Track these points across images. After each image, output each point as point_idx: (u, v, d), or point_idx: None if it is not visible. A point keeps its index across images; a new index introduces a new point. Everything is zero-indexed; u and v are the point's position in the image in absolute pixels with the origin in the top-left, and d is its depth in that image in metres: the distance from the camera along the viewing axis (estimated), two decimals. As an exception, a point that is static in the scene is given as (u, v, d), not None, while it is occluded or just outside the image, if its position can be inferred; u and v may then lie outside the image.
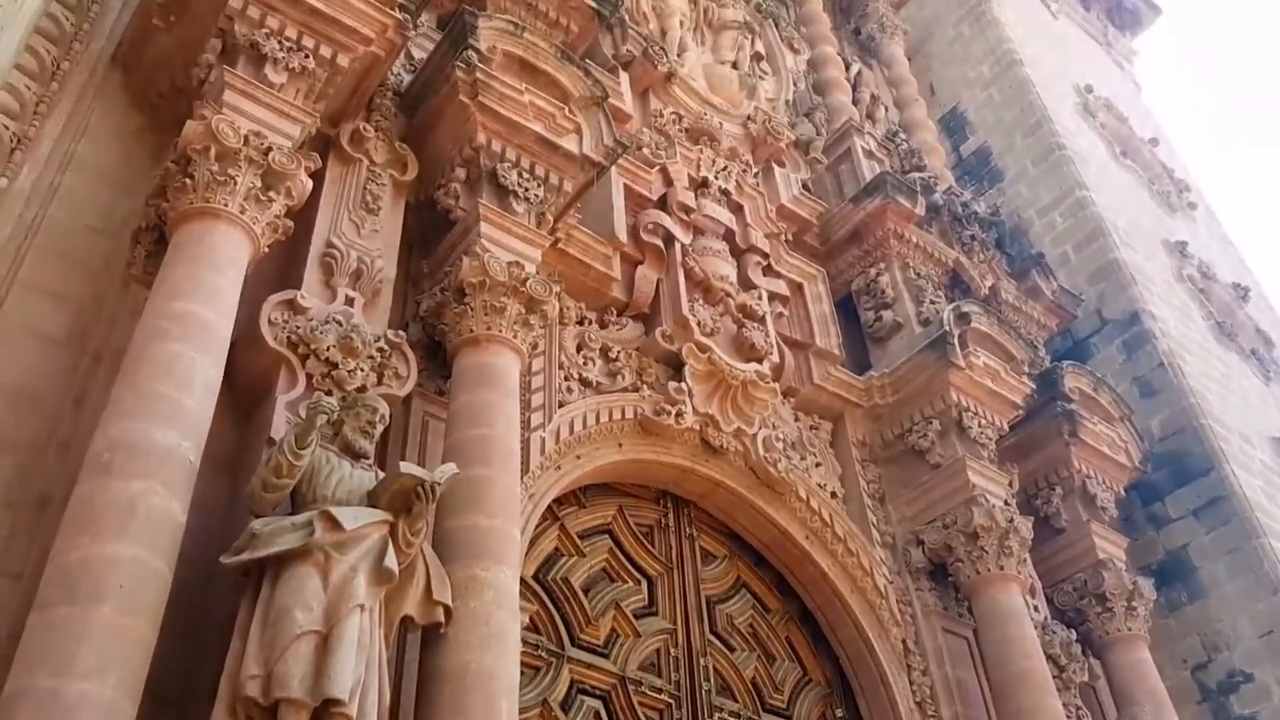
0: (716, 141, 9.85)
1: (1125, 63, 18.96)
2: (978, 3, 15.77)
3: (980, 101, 15.02)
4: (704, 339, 7.99)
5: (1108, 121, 15.74)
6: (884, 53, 14.45)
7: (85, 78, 6.12)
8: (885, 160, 11.40)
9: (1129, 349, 11.98)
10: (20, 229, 5.39)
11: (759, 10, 12.65)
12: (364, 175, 6.70)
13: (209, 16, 5.97)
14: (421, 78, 7.23)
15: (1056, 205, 13.40)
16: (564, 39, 8.60)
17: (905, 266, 9.96)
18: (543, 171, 7.10)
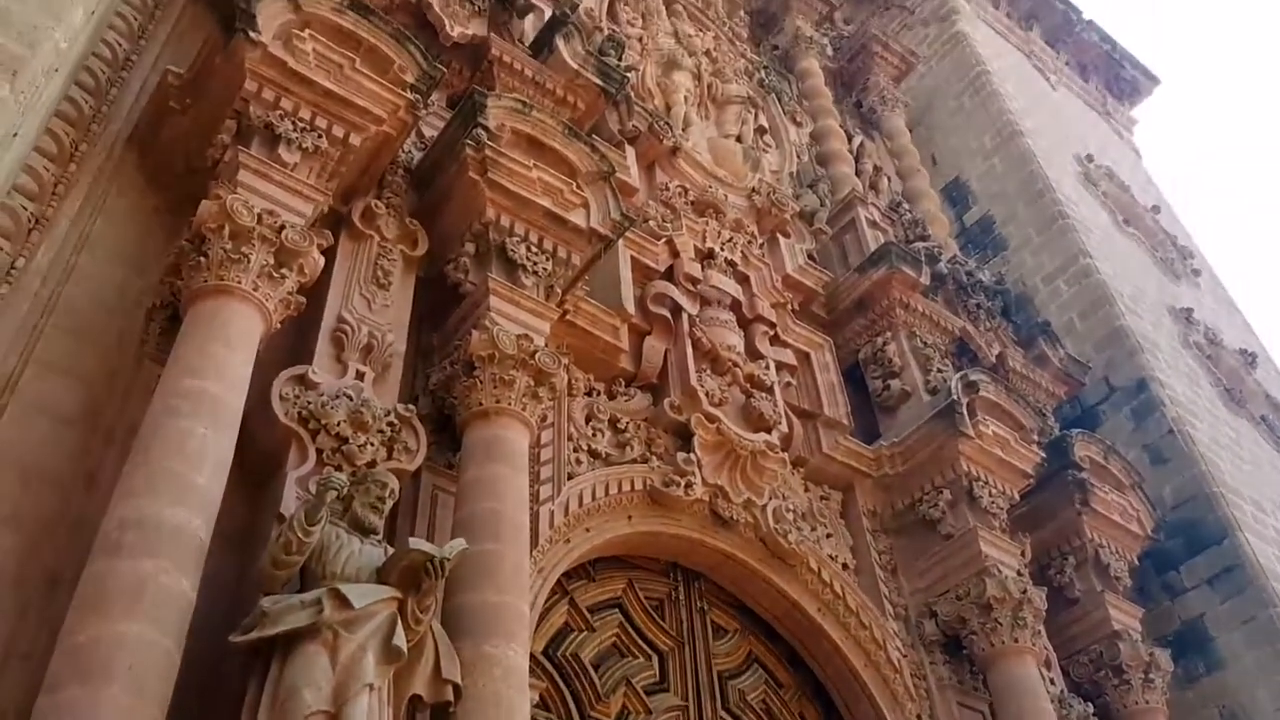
0: (722, 213, 9.97)
1: (1125, 132, 19.22)
2: (977, 75, 16.04)
3: (982, 171, 15.20)
4: (712, 409, 8.00)
5: (1109, 190, 15.91)
6: (886, 125, 14.67)
7: (103, 158, 6.23)
8: (889, 230, 11.52)
9: (1138, 416, 11.95)
10: (36, 308, 5.46)
11: (762, 85, 12.90)
12: (375, 251, 6.77)
13: (224, 99, 6.10)
14: (432, 155, 7.35)
15: (1061, 273, 13.49)
16: (571, 116, 8.75)
17: (912, 335, 10.00)
18: (551, 245, 7.17)
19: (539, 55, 9.01)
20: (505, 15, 9.06)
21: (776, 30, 14.75)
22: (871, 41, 15.08)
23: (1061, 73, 18.56)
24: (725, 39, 13.15)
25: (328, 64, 6.33)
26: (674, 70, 11.65)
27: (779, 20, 14.82)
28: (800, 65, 14.17)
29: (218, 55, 6.14)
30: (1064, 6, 19.32)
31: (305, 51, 6.22)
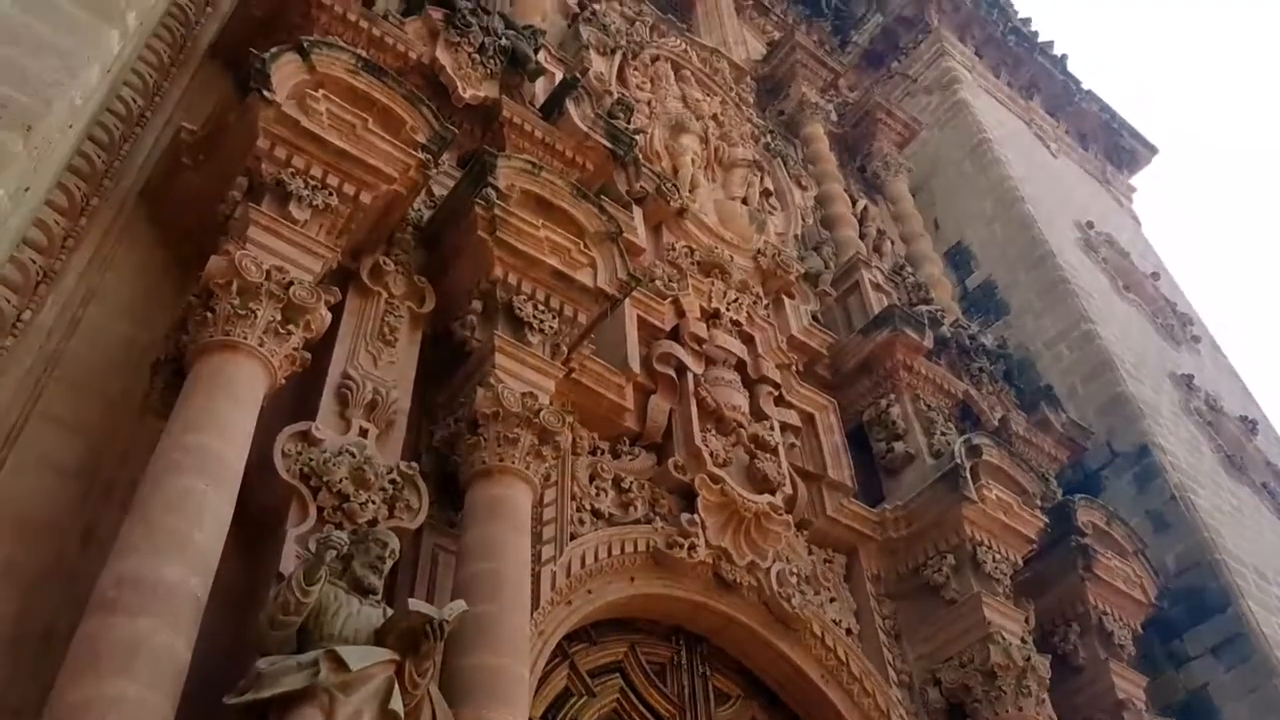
0: (727, 274, 10.02)
1: (1124, 199, 19.41)
2: (979, 143, 16.23)
3: (984, 236, 15.31)
4: (716, 470, 7.96)
5: (1109, 256, 16.02)
6: (889, 189, 14.81)
7: (114, 213, 6.27)
8: (892, 293, 11.57)
9: (1140, 482, 11.90)
10: (41, 361, 5.45)
11: (768, 149, 13.04)
12: (382, 307, 6.78)
13: (237, 156, 6.15)
14: (442, 213, 7.39)
15: (1063, 338, 13.52)
16: (580, 176, 8.82)
17: (915, 398, 10.00)
18: (557, 304, 7.19)
19: (549, 117, 9.12)
20: (517, 78, 9.17)
21: (782, 96, 14.96)
22: (875, 108, 15.29)
23: (1062, 141, 18.79)
24: (732, 104, 13.32)
25: (341, 123, 6.38)
26: (682, 133, 11.79)
27: (785, 86, 15.04)
28: (805, 130, 14.35)
29: (232, 113, 6.21)
30: (1064, 77, 19.62)
31: (319, 111, 6.29)
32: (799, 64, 15.08)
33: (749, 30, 16.99)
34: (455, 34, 8.83)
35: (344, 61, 6.69)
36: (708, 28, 15.82)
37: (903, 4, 18.70)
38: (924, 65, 18.17)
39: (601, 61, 11.63)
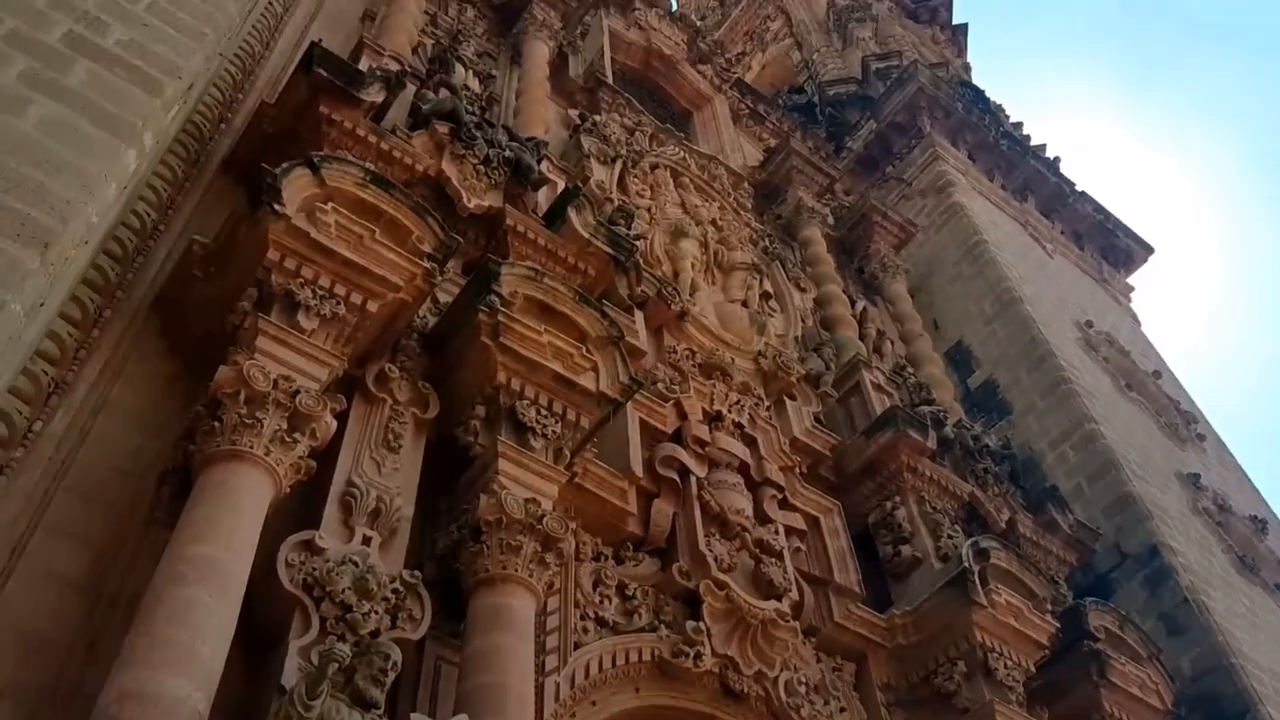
0: (729, 376, 10.07)
1: (1122, 298, 19.57)
2: (975, 244, 16.45)
3: (984, 336, 15.40)
4: (721, 575, 7.88)
5: (1110, 355, 16.07)
6: (887, 290, 14.97)
7: (125, 324, 6.36)
8: (894, 394, 11.60)
9: (1151, 584, 11.74)
10: (49, 472, 5.47)
11: (766, 253, 13.24)
12: (387, 414, 6.81)
13: (247, 268, 6.27)
14: (447, 320, 7.48)
15: (1066, 438, 13.49)
16: (582, 282, 8.94)
17: (921, 500, 9.94)
18: (560, 408, 7.22)
19: (552, 225, 9.28)
20: (520, 188, 9.37)
21: (779, 201, 15.25)
22: (871, 211, 15.57)
23: (1057, 241, 19.04)
24: (730, 209, 13.57)
25: (349, 235, 6.53)
26: (681, 238, 11.98)
27: (782, 191, 15.34)
28: (803, 233, 14.59)
29: (243, 226, 6.34)
30: (1056, 179, 19.98)
31: (328, 223, 6.43)
32: (795, 169, 15.42)
33: (745, 138, 17.41)
34: (461, 147, 9.05)
35: (353, 175, 6.87)
36: (705, 136, 16.22)
37: (895, 111, 19.15)
38: (918, 169, 18.53)
39: (602, 170, 11.90)
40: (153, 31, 6.43)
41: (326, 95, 8.03)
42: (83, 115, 5.57)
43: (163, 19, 6.58)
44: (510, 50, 13.26)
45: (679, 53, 17.15)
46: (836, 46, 24.47)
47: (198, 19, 6.85)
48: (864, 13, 25.21)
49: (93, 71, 5.86)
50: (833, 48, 24.47)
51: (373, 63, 9.48)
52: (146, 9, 6.54)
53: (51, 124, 5.38)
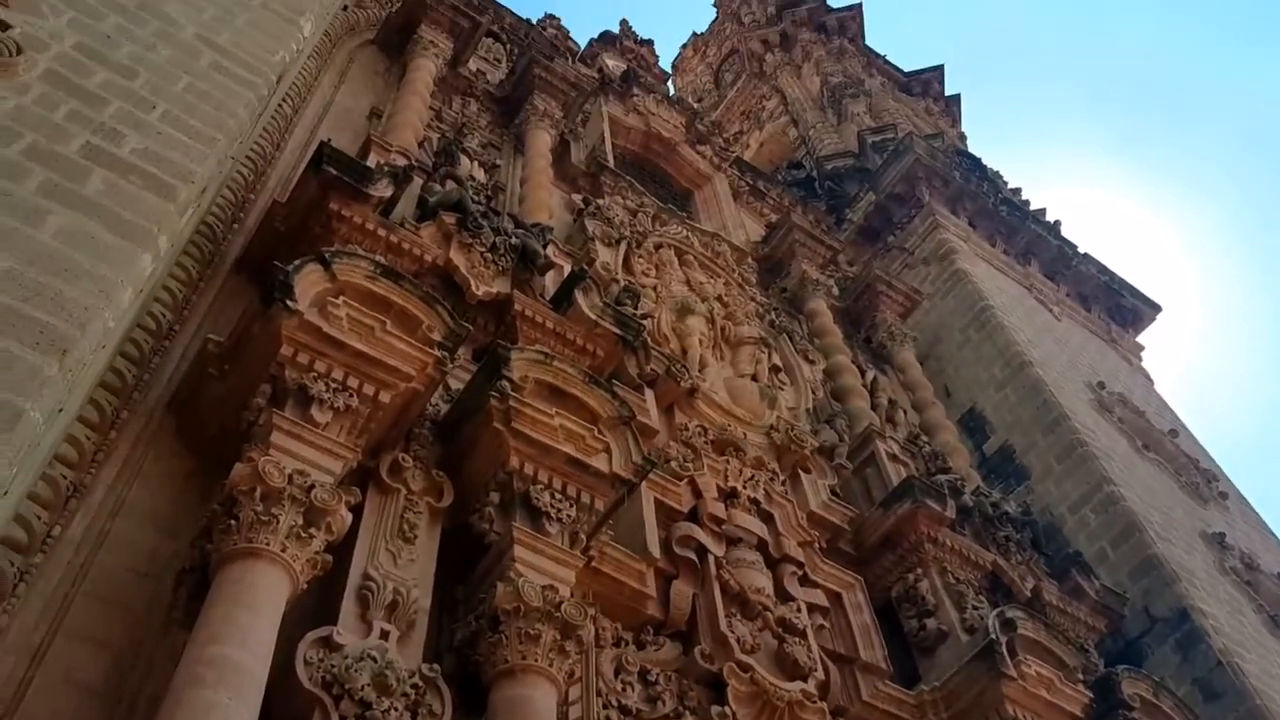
0: (742, 452, 10.04)
1: (1133, 358, 19.54)
2: (981, 309, 16.50)
3: (996, 401, 15.36)
4: (744, 657, 7.75)
5: (1125, 416, 15.99)
6: (896, 359, 15.00)
7: (142, 425, 6.41)
8: (910, 463, 11.55)
9: (1183, 648, 11.50)
10: (69, 577, 5.46)
11: (773, 326, 13.31)
12: (401, 504, 6.79)
13: (261, 364, 6.32)
14: (458, 407, 7.50)
15: (1086, 501, 13.36)
16: (591, 363, 9.00)
17: (943, 571, 9.82)
18: (574, 491, 7.20)
19: (559, 308, 9.36)
20: (527, 273, 9.48)
21: (784, 274, 15.38)
22: (876, 281, 15.68)
23: (1064, 304, 19.09)
24: (735, 284, 13.68)
25: (360, 327, 6.60)
26: (688, 315, 12.06)
27: (785, 265, 15.49)
28: (809, 305, 14.68)
29: (256, 323, 6.42)
30: (1059, 242, 20.11)
31: (339, 317, 6.51)
32: (797, 243, 15.58)
33: (747, 214, 17.62)
34: (468, 236, 9.18)
35: (363, 268, 6.98)
36: (707, 214, 16.43)
37: (894, 182, 19.41)
38: (919, 238, 18.70)
39: (607, 252, 12.03)
40: (166, 139, 6.60)
41: (336, 192, 8.18)
42: (100, 223, 5.69)
43: (176, 127, 6.76)
44: (513, 140, 13.53)
45: (678, 135, 17.47)
46: (832, 122, 24.91)
47: (210, 125, 7.02)
48: (857, 89, 25.72)
49: (109, 180, 6.00)
50: (828, 123, 24.91)
51: (380, 158, 9.69)
52: (160, 118, 6.73)
53: (70, 233, 5.49)
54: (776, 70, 28.33)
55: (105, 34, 7.17)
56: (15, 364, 4.72)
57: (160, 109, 6.82)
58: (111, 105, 6.58)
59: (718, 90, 30.83)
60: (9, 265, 5.13)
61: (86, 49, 6.91)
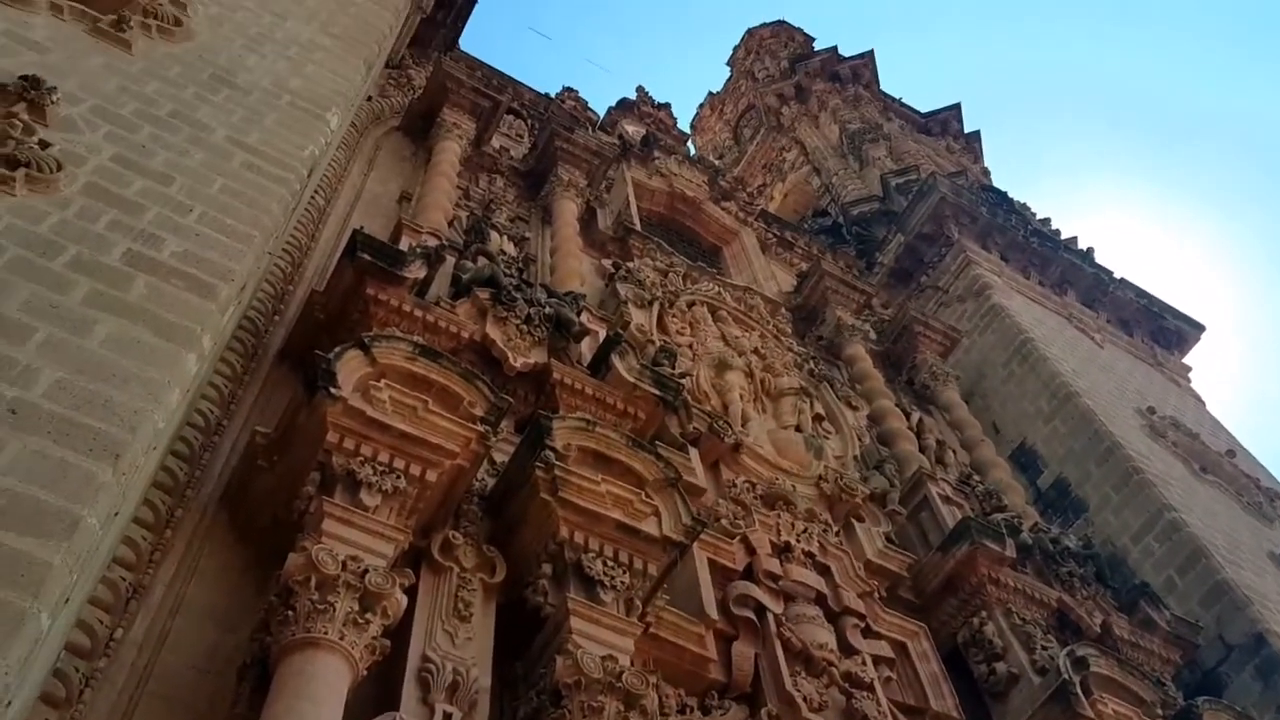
0: (792, 505, 9.95)
1: (1181, 379, 19.20)
2: (1022, 343, 16.35)
3: (1046, 434, 15.13)
4: (813, 716, 7.59)
5: (1179, 440, 15.69)
6: (941, 399, 14.85)
7: (196, 521, 6.48)
8: (964, 504, 11.38)
9: (1263, 675, 11.13)
10: (133, 678, 5.48)
11: (812, 375, 13.26)
12: (455, 582, 6.78)
13: (309, 452, 6.40)
14: (504, 480, 7.51)
15: (1148, 530, 13.06)
16: (633, 426, 8.99)
17: (1008, 613, 9.61)
18: (626, 557, 7.14)
19: (597, 374, 9.40)
20: (563, 341, 9.54)
21: (819, 322, 15.35)
22: (913, 322, 15.60)
23: (1105, 331, 18.86)
24: (771, 336, 13.68)
25: (403, 408, 6.67)
26: (726, 370, 12.07)
27: (820, 313, 15.46)
28: (847, 351, 14.63)
29: (302, 412, 6.50)
30: (1094, 269, 19.94)
31: (382, 400, 6.59)
32: (830, 290, 15.57)
33: (776, 265, 17.68)
34: (502, 310, 9.27)
35: (402, 350, 7.08)
36: (737, 269, 16.50)
37: (921, 222, 19.39)
38: (952, 276, 18.62)
39: (641, 314, 12.10)
40: (205, 240, 6.77)
41: (372, 277, 8.32)
42: (145, 328, 5.81)
43: (213, 227, 6.93)
44: (541, 211, 13.72)
45: (701, 193, 17.63)
46: (854, 168, 25.02)
47: (246, 223, 7.19)
48: (876, 133, 25.85)
49: (152, 285, 6.15)
50: (850, 169, 25.02)
51: (412, 241, 9.86)
52: (198, 220, 6.90)
53: (117, 340, 5.62)
54: (794, 122, 28.58)
55: (140, 144, 7.40)
56: (70, 472, 4.80)
57: (197, 211, 7.00)
58: (150, 211, 6.76)
59: (737, 146, 31.14)
60: (60, 375, 5.24)
61: (123, 159, 7.13)
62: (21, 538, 4.42)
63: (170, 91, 8.24)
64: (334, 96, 9.81)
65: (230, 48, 9.48)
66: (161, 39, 8.94)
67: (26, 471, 4.69)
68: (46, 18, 8.34)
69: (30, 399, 5.03)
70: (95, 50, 8.28)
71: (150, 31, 8.89)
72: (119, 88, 7.94)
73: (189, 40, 9.18)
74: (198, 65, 8.86)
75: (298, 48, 10.24)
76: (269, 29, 10.29)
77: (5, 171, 6.31)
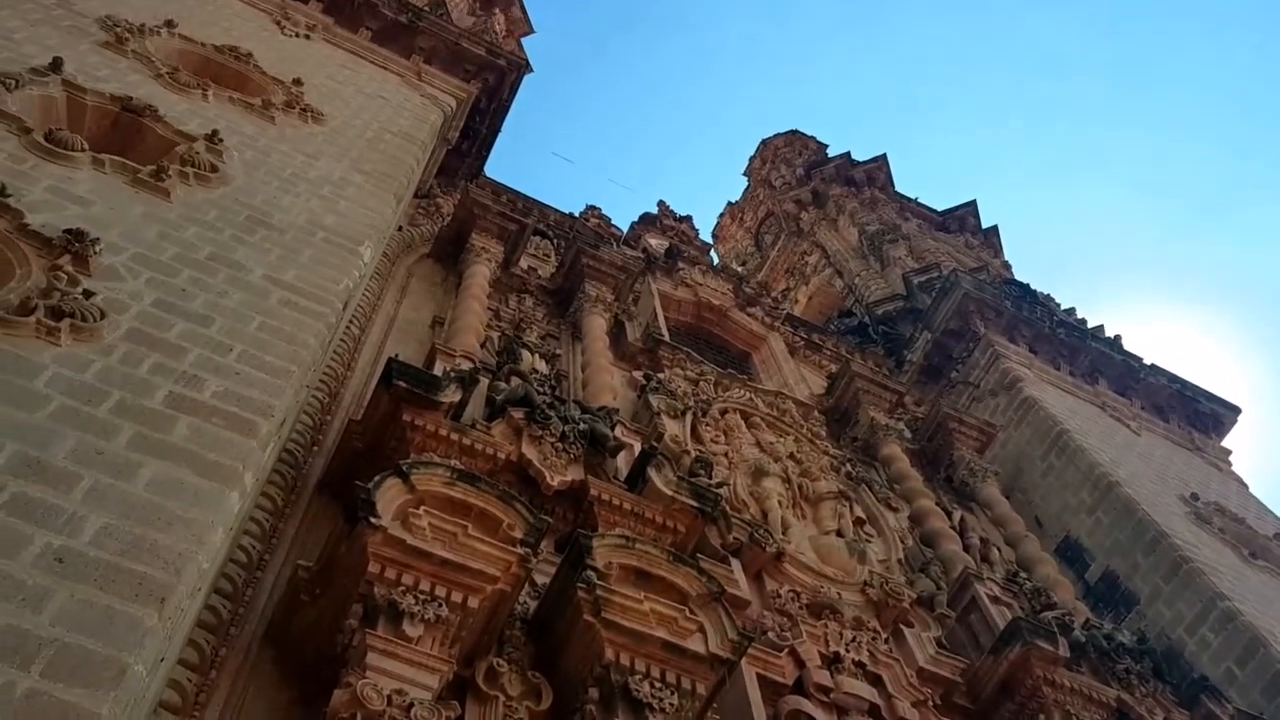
0: (839, 613, 9.79)
1: (1222, 463, 18.91)
2: (1058, 434, 16.21)
3: (1090, 526, 14.87)
4: (873, 833, 7.35)
5: (1225, 525, 15.37)
6: (981, 495, 14.67)
7: (240, 660, 6.44)
8: (1013, 603, 11.14)
9: (1333, 767, 10.67)
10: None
11: (850, 478, 13.16)
12: (501, 711, 6.70)
13: (350, 584, 6.39)
14: (546, 603, 7.47)
15: (1202, 621, 12.71)
16: (673, 540, 8.94)
17: (1067, 715, 9.33)
18: (674, 677, 7.02)
19: (634, 488, 9.39)
20: (599, 457, 9.56)
21: (852, 423, 15.31)
22: (947, 419, 15.52)
23: (1140, 418, 18.68)
24: (806, 440, 13.63)
25: (443, 534, 6.68)
26: (763, 477, 12.01)
27: (852, 414, 15.43)
28: (883, 452, 14.53)
29: (343, 544, 6.52)
30: (1123, 357, 19.85)
31: (422, 527, 6.61)
32: (861, 391, 15.56)
33: (806, 368, 17.73)
34: (537, 428, 9.33)
35: (440, 476, 7.13)
36: (767, 374, 16.56)
37: (947, 319, 19.47)
38: (982, 370, 18.59)
39: (674, 424, 12.12)
40: (245, 378, 6.92)
41: (408, 404, 8.43)
42: (188, 469, 5.91)
43: (252, 365, 7.08)
44: (570, 328, 13.91)
45: (727, 301, 17.83)
46: (876, 268, 25.27)
47: (284, 359, 7.35)
48: (894, 234, 26.18)
49: (194, 425, 6.27)
50: (872, 270, 25.27)
51: (446, 364, 10.01)
52: (238, 358, 7.07)
53: (160, 483, 5.71)
54: (813, 226, 29.03)
55: (180, 287, 7.63)
56: (117, 619, 4.83)
57: (237, 350, 7.16)
58: (191, 353, 6.93)
59: (759, 252, 31.58)
60: (106, 521, 5.32)
61: (164, 304, 7.35)
62: (70, 689, 4.44)
63: (208, 235, 8.53)
64: (366, 230, 10.10)
65: (266, 189, 9.83)
66: (199, 185, 9.29)
67: (74, 621, 4.73)
68: (89, 172, 8.70)
69: (77, 547, 5.10)
70: (136, 200, 8.61)
71: (188, 179, 9.26)
72: (159, 234, 8.22)
73: (225, 184, 9.53)
74: (234, 208, 9.18)
75: (330, 186, 10.60)
76: (302, 169, 10.67)
77: (51, 322, 6.52)
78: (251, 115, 11.49)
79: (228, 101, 11.59)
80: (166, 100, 10.87)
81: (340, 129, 12.44)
